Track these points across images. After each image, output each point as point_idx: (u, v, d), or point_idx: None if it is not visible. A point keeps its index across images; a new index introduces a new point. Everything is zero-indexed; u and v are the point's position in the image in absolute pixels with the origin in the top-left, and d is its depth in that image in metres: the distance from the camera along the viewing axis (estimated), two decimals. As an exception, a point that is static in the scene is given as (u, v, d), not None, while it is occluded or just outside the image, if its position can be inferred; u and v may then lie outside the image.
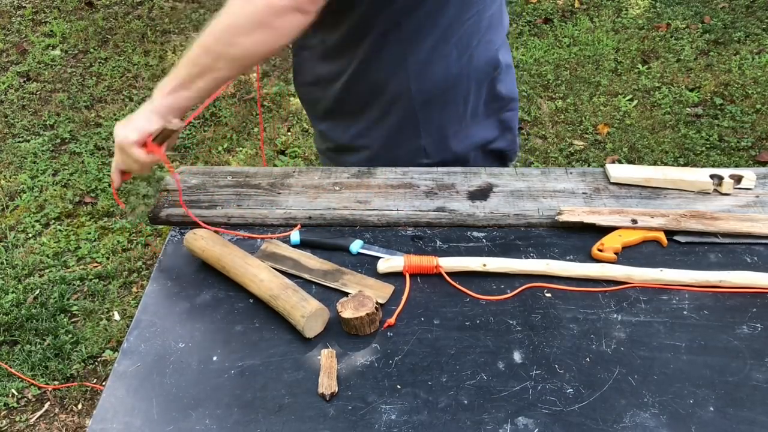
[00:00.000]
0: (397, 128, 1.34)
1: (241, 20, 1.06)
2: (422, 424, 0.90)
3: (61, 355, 2.35)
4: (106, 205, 2.99)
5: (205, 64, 1.09)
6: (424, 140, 1.35)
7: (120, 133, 1.13)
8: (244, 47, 1.07)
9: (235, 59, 1.08)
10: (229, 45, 1.07)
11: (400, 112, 1.32)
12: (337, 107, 1.37)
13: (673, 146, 3.22)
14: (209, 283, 1.13)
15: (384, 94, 1.31)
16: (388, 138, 1.36)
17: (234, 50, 1.07)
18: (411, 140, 1.36)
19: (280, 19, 1.05)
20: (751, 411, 0.91)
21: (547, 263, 1.12)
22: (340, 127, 1.41)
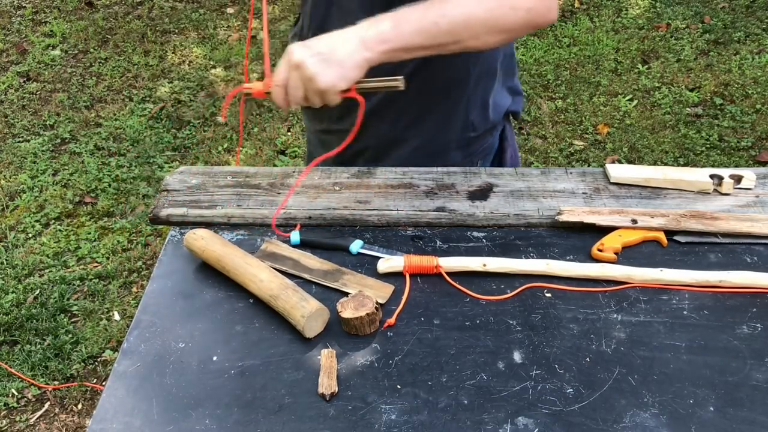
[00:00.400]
0: (453, 107, 1.35)
1: (499, 24, 1.08)
2: (422, 424, 0.90)
3: (61, 355, 2.35)
4: (106, 205, 2.99)
5: (441, 42, 1.08)
6: (473, 114, 1.37)
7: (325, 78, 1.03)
8: (483, 43, 1.10)
9: (467, 48, 1.10)
10: (475, 38, 1.08)
11: (458, 92, 1.33)
12: (390, 105, 1.34)
13: (673, 146, 3.22)
14: (209, 283, 1.13)
15: (446, 79, 1.31)
16: (442, 122, 1.36)
17: (474, 42, 1.09)
18: (462, 118, 1.37)
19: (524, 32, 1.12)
20: (751, 411, 0.91)
21: (547, 263, 1.12)
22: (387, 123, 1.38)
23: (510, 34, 1.12)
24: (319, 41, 1.06)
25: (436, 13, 1.05)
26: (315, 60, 1.03)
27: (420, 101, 1.34)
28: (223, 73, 3.90)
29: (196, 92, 3.77)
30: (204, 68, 3.95)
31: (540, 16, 1.10)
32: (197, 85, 3.81)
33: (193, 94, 3.75)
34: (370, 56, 1.05)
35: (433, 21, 1.05)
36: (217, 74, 3.90)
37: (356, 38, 1.05)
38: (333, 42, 1.05)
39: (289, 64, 1.05)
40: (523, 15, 1.08)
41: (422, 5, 1.07)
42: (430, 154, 1.39)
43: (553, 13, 1.12)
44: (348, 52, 1.04)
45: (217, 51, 4.06)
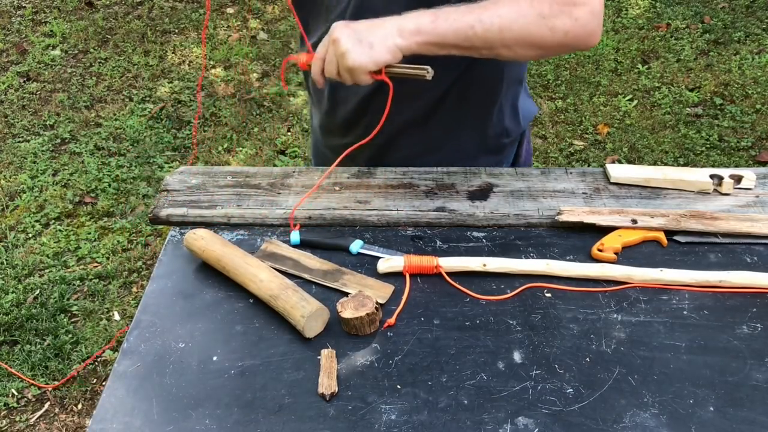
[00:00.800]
0: (487, 115, 1.35)
1: (534, 40, 1.08)
2: (422, 424, 0.90)
3: (61, 355, 2.35)
4: (106, 205, 2.99)
5: (474, 45, 1.09)
6: (506, 120, 1.37)
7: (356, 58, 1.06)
8: (514, 55, 1.11)
9: (499, 55, 1.11)
10: (508, 48, 1.09)
11: (491, 98, 1.33)
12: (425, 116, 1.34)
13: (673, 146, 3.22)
14: (209, 283, 1.13)
15: (482, 88, 1.31)
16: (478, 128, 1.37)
17: (506, 52, 1.10)
18: (498, 125, 1.37)
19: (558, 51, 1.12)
20: (751, 411, 0.91)
21: (547, 263, 1.12)
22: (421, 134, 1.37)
23: (544, 51, 1.12)
24: (361, 23, 1.09)
25: (474, 17, 1.07)
26: (350, 39, 1.06)
27: (457, 113, 1.34)
28: (223, 73, 3.90)
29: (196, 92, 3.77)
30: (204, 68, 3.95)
31: (578, 40, 1.10)
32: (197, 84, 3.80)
33: (193, 94, 3.75)
34: (402, 43, 1.07)
35: (470, 24, 1.07)
36: (217, 74, 3.90)
37: (394, 25, 1.07)
38: (372, 25, 1.08)
39: (329, 39, 1.09)
40: (560, 37, 1.08)
41: (465, 7, 1.09)
42: (461, 159, 1.39)
43: (593, 39, 1.11)
44: (382, 36, 1.07)
45: (217, 51, 4.06)
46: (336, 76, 1.11)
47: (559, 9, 1.07)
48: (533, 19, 1.07)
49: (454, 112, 1.33)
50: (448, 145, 1.38)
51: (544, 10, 1.07)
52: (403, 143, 1.39)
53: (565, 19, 1.07)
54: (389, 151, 1.41)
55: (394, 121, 1.30)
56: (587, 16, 1.09)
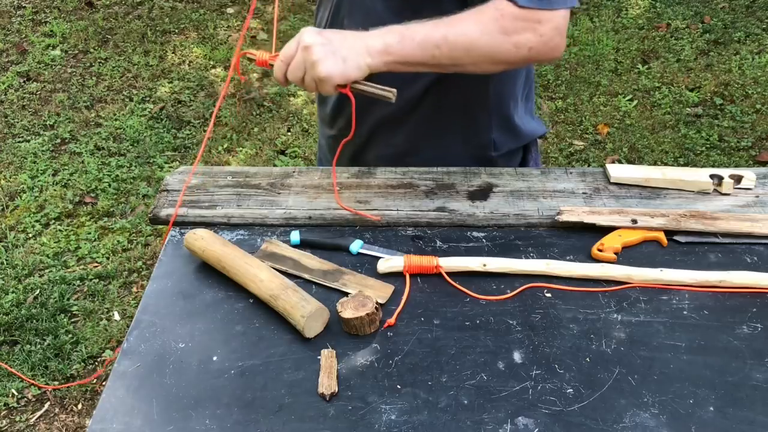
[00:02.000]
0: (472, 124, 1.35)
1: (501, 58, 1.11)
2: (422, 424, 0.90)
3: (61, 355, 2.35)
4: (106, 205, 2.99)
5: (441, 63, 1.11)
6: (494, 133, 1.37)
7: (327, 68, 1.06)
8: (481, 70, 1.14)
9: (467, 71, 1.13)
10: (474, 65, 1.11)
11: (477, 110, 1.33)
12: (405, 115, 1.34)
13: (673, 146, 3.22)
14: (209, 283, 1.13)
15: (465, 96, 1.31)
16: (460, 135, 1.36)
17: (472, 68, 1.12)
18: (483, 135, 1.37)
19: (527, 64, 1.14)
20: (751, 411, 0.91)
21: (547, 263, 1.12)
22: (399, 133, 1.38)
23: (510, 65, 1.15)
24: (333, 33, 1.09)
25: (440, 35, 1.08)
26: (323, 48, 1.06)
27: (437, 115, 1.34)
28: (223, 73, 3.90)
29: (196, 92, 3.77)
30: (204, 68, 3.95)
31: (542, 55, 1.12)
32: (197, 85, 3.81)
33: (193, 94, 3.75)
34: (371, 62, 1.08)
35: (435, 44, 1.08)
36: (217, 74, 3.90)
37: (363, 43, 1.08)
38: (344, 38, 1.09)
39: (299, 44, 1.08)
40: (524, 53, 1.10)
41: (431, 24, 1.10)
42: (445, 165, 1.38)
43: (557, 52, 1.13)
44: (354, 53, 1.07)
45: (217, 51, 4.06)
46: (299, 82, 1.11)
47: (522, 26, 1.08)
48: (498, 37, 1.09)
49: (433, 114, 1.33)
50: (429, 147, 1.38)
51: (508, 26, 1.08)
52: (382, 141, 1.39)
53: (528, 35, 1.09)
54: (369, 147, 1.42)
55: (371, 117, 1.34)
56: (551, 31, 1.10)
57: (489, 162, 1.40)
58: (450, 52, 1.09)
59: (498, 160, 1.41)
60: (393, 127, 1.37)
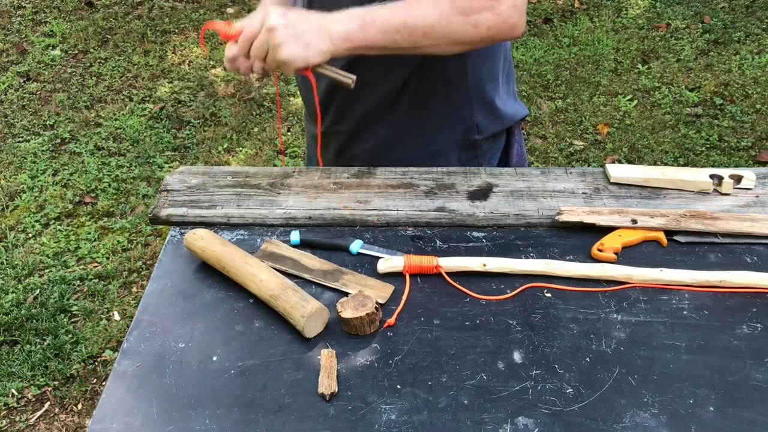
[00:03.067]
0: (455, 109, 1.36)
1: (459, 38, 1.12)
2: (422, 424, 0.90)
3: (61, 355, 2.35)
4: (106, 205, 2.99)
5: (402, 46, 1.12)
6: (477, 117, 1.37)
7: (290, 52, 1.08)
8: (442, 51, 1.14)
9: (428, 53, 1.15)
10: (435, 47, 1.13)
11: (458, 95, 1.34)
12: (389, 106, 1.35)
13: (673, 146, 3.22)
14: (209, 283, 1.13)
15: (445, 82, 1.32)
16: (444, 122, 1.37)
17: (434, 50, 1.14)
18: (466, 119, 1.37)
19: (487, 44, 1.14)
20: (751, 411, 0.91)
21: (547, 263, 1.12)
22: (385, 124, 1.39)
23: (470, 46, 1.16)
24: (298, 16, 1.11)
25: (400, 20, 1.10)
26: (287, 31, 1.08)
27: (419, 104, 1.34)
28: (222, 73, 3.90)
29: (196, 92, 3.77)
30: (204, 68, 3.95)
31: (501, 33, 1.13)
32: (197, 85, 3.81)
33: (193, 94, 3.75)
34: (333, 49, 1.11)
35: (395, 28, 1.10)
36: (217, 74, 3.90)
37: (326, 28, 1.10)
38: (308, 22, 1.10)
39: (264, 25, 1.10)
40: (483, 33, 1.11)
41: (391, 8, 1.11)
42: (430, 154, 1.39)
43: (517, 30, 1.14)
44: (316, 38, 1.09)
45: (217, 51, 4.06)
46: (261, 60, 1.13)
47: (480, 5, 1.10)
48: (456, 18, 1.10)
49: (417, 104, 1.35)
50: (415, 137, 1.39)
51: (465, 7, 1.10)
52: (368, 134, 1.41)
53: (487, 15, 1.10)
54: (356, 141, 1.43)
55: (356, 111, 1.36)
56: (508, 10, 1.11)
57: (474, 146, 1.41)
58: (410, 36, 1.11)
59: (483, 143, 1.42)
60: (377, 119, 1.38)
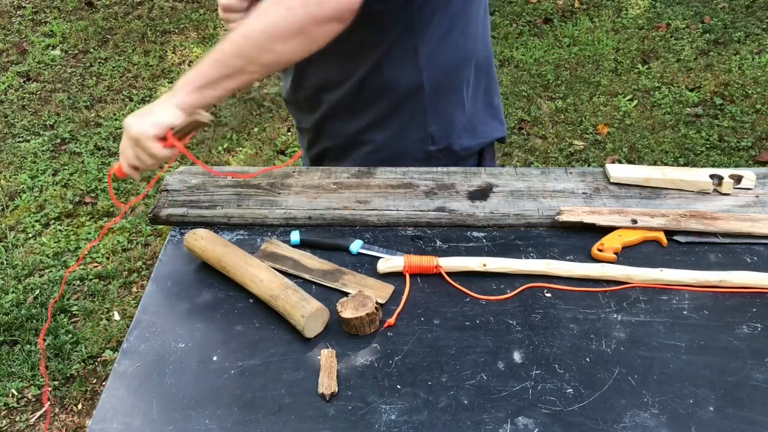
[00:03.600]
0: (408, 118, 1.35)
1: (281, 28, 1.07)
2: (422, 424, 0.90)
3: (61, 355, 2.35)
4: (106, 205, 2.99)
5: (236, 67, 1.09)
6: (431, 127, 1.37)
7: (136, 127, 1.11)
8: (279, 53, 1.09)
9: (268, 64, 1.10)
10: (265, 51, 1.08)
11: (412, 104, 1.33)
12: (344, 107, 1.37)
13: (673, 146, 3.22)
14: (209, 283, 1.13)
15: (397, 89, 1.31)
16: (397, 129, 1.37)
17: (269, 56, 1.09)
18: (419, 129, 1.37)
19: (319, 29, 1.07)
20: (751, 411, 0.91)
21: (547, 263, 1.12)
22: (344, 124, 1.40)
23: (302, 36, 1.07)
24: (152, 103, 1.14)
25: (224, 41, 1.10)
26: (133, 116, 1.13)
27: (374, 106, 1.35)
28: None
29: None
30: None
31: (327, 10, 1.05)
32: (197, 85, 3.80)
33: (193, 94, 3.75)
34: (177, 101, 1.11)
35: (221, 49, 1.09)
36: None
37: (171, 91, 1.12)
38: (158, 99, 1.14)
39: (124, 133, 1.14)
40: (300, 11, 1.04)
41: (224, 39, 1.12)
42: (387, 159, 1.39)
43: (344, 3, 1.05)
44: (159, 102, 1.12)
45: (217, 51, 4.05)
46: (134, 159, 1.15)
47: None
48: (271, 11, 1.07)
49: (373, 108, 1.35)
50: (372, 140, 1.39)
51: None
52: (330, 132, 1.43)
53: None
54: (320, 137, 1.46)
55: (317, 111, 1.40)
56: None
57: (429, 157, 1.40)
58: (236, 50, 1.08)
59: (438, 155, 1.40)
60: (337, 119, 1.40)
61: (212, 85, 1.10)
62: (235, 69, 1.09)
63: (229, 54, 1.09)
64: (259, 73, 1.11)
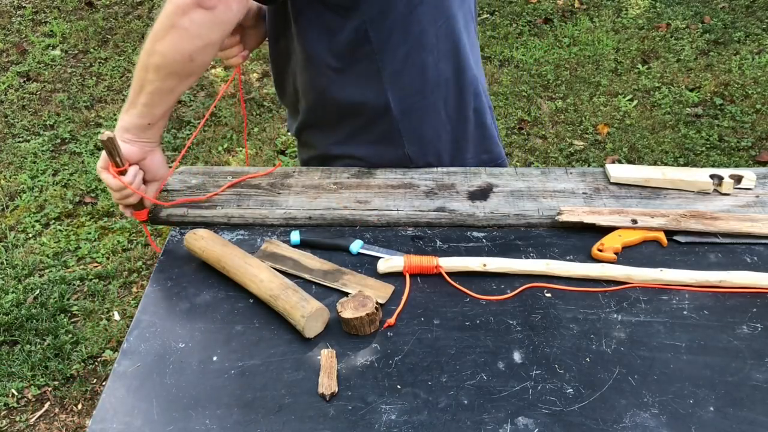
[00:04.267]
0: (380, 138, 1.34)
1: (156, 27, 1.09)
2: (422, 424, 0.90)
3: (61, 355, 2.35)
4: (106, 205, 2.99)
5: (140, 78, 1.12)
6: (408, 148, 1.35)
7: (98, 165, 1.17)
8: (161, 53, 1.10)
9: (159, 67, 1.11)
10: (151, 54, 1.10)
11: (383, 124, 1.31)
12: (315, 118, 1.37)
13: (673, 146, 3.22)
14: (209, 283, 1.13)
15: (364, 107, 1.30)
16: (370, 147, 1.36)
17: (154, 58, 1.10)
18: (395, 149, 1.35)
19: (185, 18, 1.06)
20: (751, 411, 0.91)
21: (547, 263, 1.12)
22: (321, 135, 1.40)
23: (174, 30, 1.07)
24: None
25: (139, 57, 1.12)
26: None
27: (344, 122, 1.34)
28: (222, 73, 3.90)
29: (196, 92, 3.77)
30: (204, 68, 3.95)
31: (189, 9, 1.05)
32: (197, 85, 3.81)
33: (193, 94, 3.75)
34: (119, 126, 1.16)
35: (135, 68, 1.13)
36: (217, 74, 3.90)
37: None
38: None
39: None
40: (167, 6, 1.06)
41: None
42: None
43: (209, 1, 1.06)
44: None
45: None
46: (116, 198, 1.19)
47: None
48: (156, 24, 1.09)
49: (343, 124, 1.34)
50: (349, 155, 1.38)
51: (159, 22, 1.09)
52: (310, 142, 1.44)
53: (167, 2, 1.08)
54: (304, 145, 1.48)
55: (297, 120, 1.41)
56: None
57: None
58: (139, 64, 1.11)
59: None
60: (315, 129, 1.40)
61: (132, 103, 1.15)
62: (140, 81, 1.13)
63: (136, 69, 1.13)
64: (160, 80, 1.11)
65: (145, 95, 1.13)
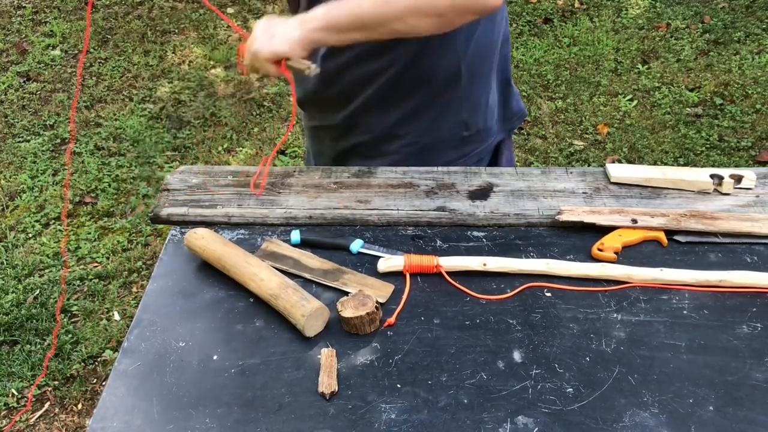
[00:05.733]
0: (444, 108, 1.36)
1: (426, 6, 1.10)
2: (422, 424, 0.90)
3: (61, 355, 2.35)
4: (106, 205, 2.99)
5: (368, 25, 1.12)
6: (465, 113, 1.38)
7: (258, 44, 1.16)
8: (411, 27, 1.12)
9: (396, 32, 1.14)
10: (400, 20, 1.11)
11: (449, 93, 1.34)
12: (380, 101, 1.37)
13: (673, 146, 3.22)
14: (209, 282, 1.13)
15: (435, 80, 1.32)
16: (433, 119, 1.37)
17: (401, 26, 1.12)
18: (454, 116, 1.38)
19: (459, 18, 1.11)
20: (750, 411, 0.91)
21: (547, 263, 1.12)
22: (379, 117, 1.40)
23: (439, 18, 1.12)
24: (279, 19, 1.17)
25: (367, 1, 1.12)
26: (260, 29, 1.17)
27: (411, 98, 1.35)
28: (222, 73, 3.90)
29: (196, 92, 3.77)
30: (204, 68, 3.95)
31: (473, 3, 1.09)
32: (197, 85, 3.81)
33: (193, 94, 3.75)
34: (301, 34, 1.13)
35: (358, 3, 1.12)
36: (217, 74, 3.90)
37: (296, 20, 1.14)
38: (284, 21, 1.16)
39: None
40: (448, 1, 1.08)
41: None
42: (423, 150, 1.40)
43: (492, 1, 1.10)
44: (283, 30, 1.14)
45: (217, 51, 4.06)
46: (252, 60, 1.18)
47: None
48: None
49: (410, 100, 1.35)
50: (408, 132, 1.40)
51: None
52: (364, 128, 1.42)
53: None
54: (350, 133, 1.44)
55: (351, 105, 1.38)
56: None
57: (462, 142, 1.42)
58: (372, 9, 1.11)
59: (470, 140, 1.42)
60: (372, 113, 1.39)
61: (338, 31, 1.14)
62: (367, 26, 1.13)
63: (366, 10, 1.11)
64: (385, 36, 1.15)
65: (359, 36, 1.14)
